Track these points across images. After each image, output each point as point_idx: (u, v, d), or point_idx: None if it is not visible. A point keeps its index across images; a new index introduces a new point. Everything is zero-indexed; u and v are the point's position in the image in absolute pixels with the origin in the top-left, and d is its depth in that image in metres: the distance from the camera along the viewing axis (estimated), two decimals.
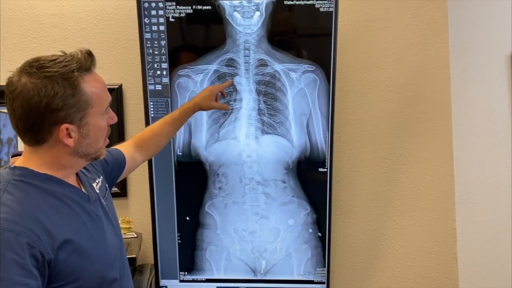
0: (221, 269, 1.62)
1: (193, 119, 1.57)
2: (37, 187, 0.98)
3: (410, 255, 1.77)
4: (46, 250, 0.91)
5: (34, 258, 0.90)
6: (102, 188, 1.17)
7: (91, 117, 0.98)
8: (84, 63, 0.97)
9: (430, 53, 1.74)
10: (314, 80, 1.54)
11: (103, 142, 1.04)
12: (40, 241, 0.91)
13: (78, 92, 0.95)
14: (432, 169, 1.75)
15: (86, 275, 0.97)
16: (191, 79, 1.55)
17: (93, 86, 0.98)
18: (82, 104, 0.96)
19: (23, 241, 0.89)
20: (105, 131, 1.03)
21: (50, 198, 0.98)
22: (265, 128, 1.57)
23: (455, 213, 1.75)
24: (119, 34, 1.76)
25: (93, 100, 0.98)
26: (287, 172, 1.59)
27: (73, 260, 0.95)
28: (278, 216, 1.60)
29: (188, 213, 1.61)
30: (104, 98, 1.01)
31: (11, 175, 0.97)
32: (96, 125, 1.00)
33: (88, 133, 0.99)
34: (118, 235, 1.14)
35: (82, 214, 1.03)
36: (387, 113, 1.76)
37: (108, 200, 1.17)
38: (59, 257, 0.93)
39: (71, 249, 0.95)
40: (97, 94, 0.99)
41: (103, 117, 1.01)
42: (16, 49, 1.75)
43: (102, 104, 1.00)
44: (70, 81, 0.94)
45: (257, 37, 1.52)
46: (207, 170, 1.59)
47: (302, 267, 1.62)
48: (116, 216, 1.20)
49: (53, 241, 0.92)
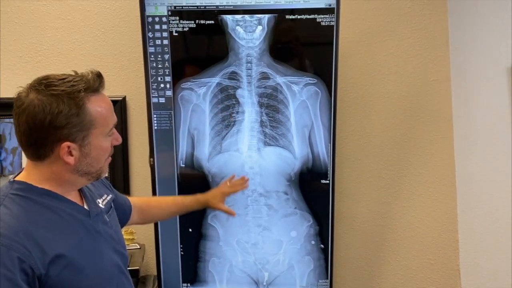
0: (224, 281, 1.62)
1: (196, 131, 1.59)
2: (35, 201, 0.98)
3: (412, 267, 1.77)
4: (37, 265, 0.91)
5: (24, 273, 0.90)
6: (107, 205, 1.17)
7: (94, 137, 1.00)
8: (92, 84, 0.99)
9: (431, 65, 1.75)
10: (315, 92, 1.55)
11: (104, 162, 1.05)
12: (31, 255, 0.91)
13: (83, 112, 0.96)
14: (434, 181, 1.76)
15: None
16: (194, 92, 1.57)
17: (99, 106, 0.99)
18: (85, 124, 0.97)
19: (14, 255, 0.90)
20: (107, 151, 1.04)
21: (47, 213, 0.99)
22: (267, 140, 1.58)
23: (457, 225, 1.74)
24: (123, 47, 1.78)
25: (97, 121, 0.99)
26: (289, 183, 1.59)
27: (65, 276, 0.95)
28: (281, 228, 1.61)
29: (190, 224, 1.61)
30: (108, 120, 1.02)
31: (10, 188, 0.99)
32: (98, 146, 1.01)
33: (89, 152, 1.00)
34: (119, 253, 1.13)
35: (79, 229, 1.03)
36: (388, 125, 1.77)
37: (112, 217, 1.17)
38: (51, 272, 0.93)
39: (63, 265, 0.95)
40: (102, 115, 1.00)
41: (106, 138, 1.02)
42: (22, 62, 1.77)
43: (107, 125, 1.01)
44: (76, 100, 0.95)
45: (259, 51, 1.54)
46: (210, 181, 1.60)
47: (304, 279, 1.61)
48: (121, 234, 1.19)
49: (44, 256, 0.93)
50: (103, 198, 1.17)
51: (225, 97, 1.56)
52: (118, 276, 1.10)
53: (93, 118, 0.98)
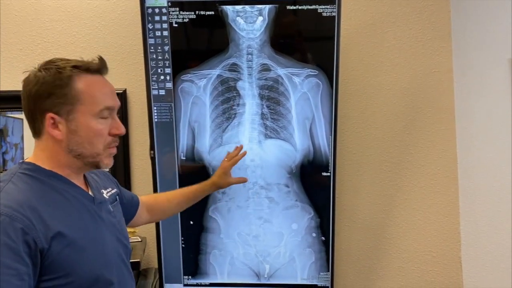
0: (225, 273, 1.62)
1: (196, 123, 1.58)
2: (42, 181, 1.01)
3: (414, 259, 1.77)
4: (40, 239, 0.93)
5: (27, 245, 0.91)
6: (112, 196, 1.19)
7: (81, 115, 1.01)
8: (85, 63, 1.02)
9: (433, 57, 1.74)
10: (317, 84, 1.55)
11: (102, 148, 1.04)
12: (35, 228, 0.93)
13: (68, 86, 0.99)
14: (436, 173, 1.75)
15: (79, 271, 0.98)
16: (194, 84, 1.56)
17: (89, 85, 1.01)
18: (69, 97, 0.99)
19: (18, 226, 0.91)
20: (100, 134, 1.03)
21: (52, 192, 1.01)
22: (268, 132, 1.57)
23: (459, 217, 1.74)
24: (124, 40, 1.78)
25: (84, 98, 1.00)
26: (291, 176, 1.59)
27: (67, 254, 0.97)
28: (282, 220, 1.60)
29: (192, 217, 1.61)
30: (98, 100, 1.02)
31: (18, 168, 1.03)
32: (86, 125, 1.01)
33: (77, 130, 1.01)
34: (122, 244, 1.14)
35: (83, 212, 1.05)
36: (390, 117, 1.76)
37: (116, 209, 1.18)
38: (53, 248, 0.94)
39: (66, 243, 0.97)
40: (90, 93, 1.01)
41: (97, 119, 1.02)
42: (22, 54, 1.77)
43: (95, 105, 1.01)
44: (62, 73, 0.99)
45: (260, 42, 1.53)
46: (211, 174, 1.59)
47: (306, 272, 1.61)
48: (124, 226, 1.21)
49: (48, 231, 0.94)
50: (108, 190, 1.18)
51: (226, 89, 1.56)
52: (119, 265, 1.10)
53: (79, 94, 1.00)
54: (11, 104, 1.73)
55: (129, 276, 1.16)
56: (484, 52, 1.79)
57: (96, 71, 1.04)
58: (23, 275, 0.91)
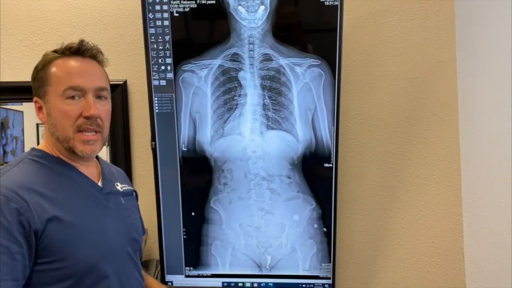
0: (227, 265, 1.62)
1: (197, 114, 1.57)
2: (48, 167, 1.04)
3: (416, 251, 1.76)
4: (34, 220, 0.94)
5: (21, 225, 0.93)
6: (128, 191, 1.21)
7: (51, 96, 1.04)
8: (63, 48, 1.07)
9: (437, 46, 1.72)
10: (319, 74, 1.53)
11: (72, 131, 1.03)
12: (29, 210, 0.94)
13: (44, 69, 1.04)
14: (438, 164, 1.74)
15: (75, 256, 0.99)
16: (195, 74, 1.55)
17: (58, 67, 1.04)
18: (44, 80, 1.04)
19: (13, 206, 0.93)
20: (67, 115, 1.02)
21: (57, 178, 1.04)
22: (270, 123, 1.56)
23: (462, 208, 1.73)
24: (124, 30, 1.76)
25: (51, 79, 1.03)
26: (292, 167, 1.58)
27: (63, 238, 0.98)
28: (283, 212, 1.60)
29: (193, 208, 1.61)
30: (62, 80, 1.03)
31: (28, 154, 1.07)
32: (55, 106, 1.03)
33: (50, 111, 1.04)
34: (131, 237, 1.14)
35: (86, 199, 1.06)
36: (393, 108, 1.75)
37: (130, 204, 1.19)
38: (49, 230, 0.96)
39: (62, 226, 0.98)
40: (57, 74, 1.03)
41: (63, 99, 1.03)
42: (21, 45, 1.76)
43: (59, 85, 1.03)
44: (44, 58, 1.06)
45: (261, 32, 1.51)
46: (212, 165, 1.59)
47: (307, 262, 1.61)
48: (138, 221, 1.21)
49: (43, 214, 0.96)
50: (123, 185, 1.20)
51: (227, 80, 1.54)
52: (123, 257, 1.10)
53: (49, 75, 1.04)
54: (11, 95, 1.72)
55: (135, 269, 1.14)
56: (488, 42, 1.77)
57: (75, 53, 1.06)
58: (15, 254, 0.92)
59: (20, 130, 1.76)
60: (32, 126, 1.76)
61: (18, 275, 0.93)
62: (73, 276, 0.98)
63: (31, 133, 1.76)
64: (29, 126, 1.76)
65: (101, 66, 1.12)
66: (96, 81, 1.06)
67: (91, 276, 1.00)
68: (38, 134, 1.76)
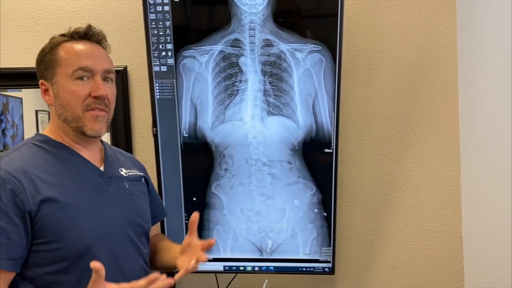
0: (228, 249, 1.64)
1: (198, 100, 1.57)
2: (49, 152, 1.06)
3: (415, 234, 1.78)
4: (28, 201, 0.97)
5: (17, 206, 0.96)
6: (134, 176, 1.21)
7: (60, 77, 1.06)
8: (70, 32, 1.09)
9: (437, 31, 1.72)
10: (320, 60, 1.53)
11: (81, 111, 1.06)
12: (24, 191, 0.97)
13: (52, 52, 1.07)
14: (438, 148, 1.75)
15: (70, 237, 1.00)
16: (196, 60, 1.54)
17: (66, 49, 1.07)
18: (52, 62, 1.06)
19: (8, 187, 0.96)
20: (76, 96, 1.06)
21: (56, 162, 1.06)
22: (270, 109, 1.57)
23: (460, 193, 1.75)
24: (124, 16, 1.75)
25: (61, 61, 1.06)
26: (293, 153, 1.59)
27: (58, 218, 1.00)
28: (284, 197, 1.61)
29: (195, 194, 1.62)
30: (72, 61, 1.06)
31: (31, 139, 1.10)
32: (64, 86, 1.06)
33: (58, 93, 1.07)
34: (134, 222, 1.14)
35: (85, 182, 1.07)
36: (393, 93, 1.75)
37: (136, 189, 1.20)
38: (43, 211, 0.98)
39: (57, 207, 1.00)
40: (66, 56, 1.06)
41: (72, 80, 1.06)
42: (21, 31, 1.75)
43: (69, 66, 1.06)
44: (51, 41, 1.08)
45: (262, 17, 1.50)
46: (213, 151, 1.60)
47: (307, 247, 1.63)
48: (144, 206, 1.22)
49: (37, 195, 0.98)
50: (129, 170, 1.21)
51: (228, 66, 1.54)
52: (123, 243, 1.11)
53: (58, 57, 1.06)
54: (11, 82, 1.72)
55: (138, 255, 1.15)
56: (489, 27, 1.76)
57: (83, 37, 1.10)
58: (10, 235, 0.95)
59: (19, 116, 1.76)
60: (32, 113, 1.76)
61: (14, 254, 0.96)
62: (68, 258, 1.00)
63: (30, 119, 1.76)
64: (28, 113, 1.76)
65: None
66: (104, 63, 1.10)
67: (86, 258, 1.01)
68: (37, 120, 1.76)
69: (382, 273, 1.81)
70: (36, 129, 1.76)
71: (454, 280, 1.76)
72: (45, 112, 1.76)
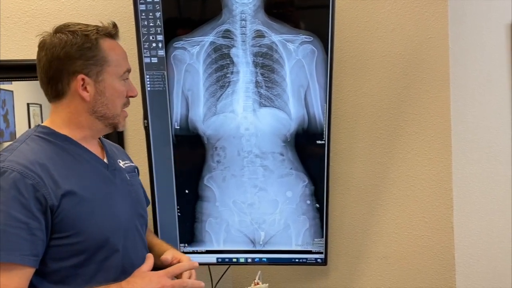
0: (221, 241, 1.64)
1: (190, 92, 1.57)
2: (55, 144, 1.05)
3: (407, 225, 1.80)
4: (50, 196, 0.96)
5: (38, 201, 0.95)
6: (130, 168, 1.23)
7: (108, 76, 1.06)
8: (106, 27, 1.09)
9: (429, 22, 1.72)
10: (311, 51, 1.52)
11: (120, 109, 1.11)
12: (45, 186, 0.96)
13: (96, 48, 1.05)
14: (429, 139, 1.76)
15: (89, 230, 1.01)
16: (187, 51, 1.53)
17: (112, 47, 1.08)
18: (99, 59, 1.05)
19: (28, 182, 0.95)
20: (122, 95, 1.10)
21: (64, 155, 1.05)
22: (262, 101, 1.56)
23: (452, 183, 1.76)
24: (114, 7, 1.74)
25: (111, 59, 1.06)
26: (285, 144, 1.59)
27: (77, 212, 1.00)
28: (277, 188, 1.61)
29: (187, 186, 1.62)
30: (121, 63, 1.09)
31: (33, 131, 1.08)
32: (112, 85, 1.07)
33: (104, 90, 1.06)
34: (138, 213, 1.17)
35: (94, 175, 1.08)
36: (385, 84, 1.75)
37: (134, 180, 1.22)
38: (63, 205, 0.98)
39: (76, 200, 1.00)
40: (116, 55, 1.08)
41: (120, 80, 1.09)
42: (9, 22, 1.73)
43: (120, 67, 1.08)
44: (89, 36, 1.05)
45: (253, 8, 1.49)
46: (205, 143, 1.59)
47: (300, 238, 1.64)
48: (142, 196, 1.24)
49: (58, 189, 0.98)
50: (125, 162, 1.22)
51: (219, 57, 1.53)
52: (132, 233, 1.13)
53: (107, 55, 1.06)
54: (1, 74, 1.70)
55: (142, 245, 1.17)
56: (481, 18, 1.77)
57: (114, 36, 1.12)
58: (34, 230, 0.94)
59: (11, 109, 1.75)
60: (23, 106, 1.75)
61: (38, 250, 0.95)
62: (86, 251, 1.01)
63: (21, 112, 1.75)
64: (19, 106, 1.74)
65: None
66: None
67: (103, 250, 1.03)
68: (29, 113, 1.75)
69: (374, 264, 1.82)
70: (28, 122, 1.75)
71: (445, 269, 1.78)
72: (37, 105, 1.74)
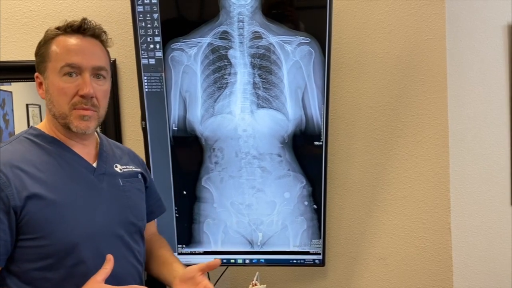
0: (219, 242, 1.65)
1: (187, 93, 1.57)
2: (40, 146, 1.05)
3: (404, 226, 1.80)
4: (13, 196, 0.96)
5: (2, 201, 0.95)
6: (129, 173, 1.18)
7: (50, 72, 1.05)
8: (65, 25, 1.07)
9: (426, 23, 1.72)
10: (309, 52, 1.53)
11: (68, 108, 1.04)
12: (10, 186, 0.96)
13: (45, 45, 1.06)
14: (427, 140, 1.76)
15: (55, 235, 0.99)
16: (185, 52, 1.53)
17: (58, 44, 1.05)
18: (44, 56, 1.05)
19: None
20: (63, 93, 1.04)
21: (46, 157, 1.04)
22: (260, 102, 1.56)
23: (449, 184, 1.76)
24: (111, 8, 1.74)
25: (51, 55, 1.05)
26: (283, 146, 1.59)
27: (45, 215, 0.99)
28: (274, 190, 1.62)
29: (185, 187, 1.62)
30: (61, 57, 1.04)
31: (24, 132, 1.08)
32: (53, 82, 1.05)
33: (48, 88, 1.06)
34: (126, 219, 1.12)
35: (75, 179, 1.06)
36: (382, 86, 1.76)
37: (131, 186, 1.17)
38: (28, 207, 0.97)
39: (43, 204, 0.99)
40: (56, 51, 1.05)
41: (60, 76, 1.04)
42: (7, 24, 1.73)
43: (58, 62, 1.04)
44: (46, 34, 1.07)
45: (251, 9, 1.50)
46: (203, 145, 1.59)
47: (298, 239, 1.64)
48: (139, 204, 1.19)
49: (24, 191, 0.97)
50: (125, 166, 1.18)
51: (217, 58, 1.53)
52: (113, 241, 1.08)
53: (50, 51, 1.05)
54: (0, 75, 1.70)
55: (130, 254, 1.12)
56: (478, 19, 1.77)
57: (77, 31, 1.06)
58: None
59: (10, 110, 1.75)
60: (22, 106, 1.75)
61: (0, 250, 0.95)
62: (54, 255, 0.99)
63: (20, 113, 1.75)
64: (18, 106, 1.75)
65: (103, 45, 1.12)
66: (95, 60, 1.06)
67: (73, 256, 1.00)
68: (28, 114, 1.75)
69: (372, 265, 1.83)
70: (27, 123, 1.75)
71: (443, 270, 1.78)
72: (36, 105, 1.74)
